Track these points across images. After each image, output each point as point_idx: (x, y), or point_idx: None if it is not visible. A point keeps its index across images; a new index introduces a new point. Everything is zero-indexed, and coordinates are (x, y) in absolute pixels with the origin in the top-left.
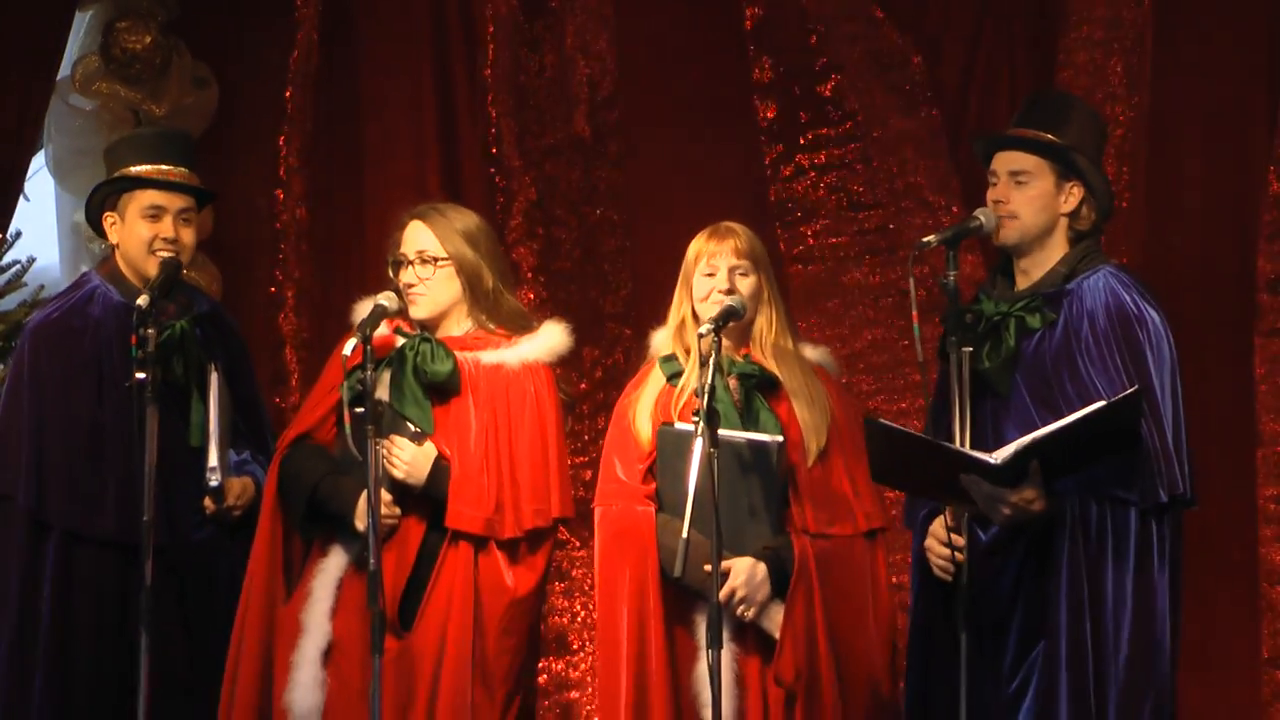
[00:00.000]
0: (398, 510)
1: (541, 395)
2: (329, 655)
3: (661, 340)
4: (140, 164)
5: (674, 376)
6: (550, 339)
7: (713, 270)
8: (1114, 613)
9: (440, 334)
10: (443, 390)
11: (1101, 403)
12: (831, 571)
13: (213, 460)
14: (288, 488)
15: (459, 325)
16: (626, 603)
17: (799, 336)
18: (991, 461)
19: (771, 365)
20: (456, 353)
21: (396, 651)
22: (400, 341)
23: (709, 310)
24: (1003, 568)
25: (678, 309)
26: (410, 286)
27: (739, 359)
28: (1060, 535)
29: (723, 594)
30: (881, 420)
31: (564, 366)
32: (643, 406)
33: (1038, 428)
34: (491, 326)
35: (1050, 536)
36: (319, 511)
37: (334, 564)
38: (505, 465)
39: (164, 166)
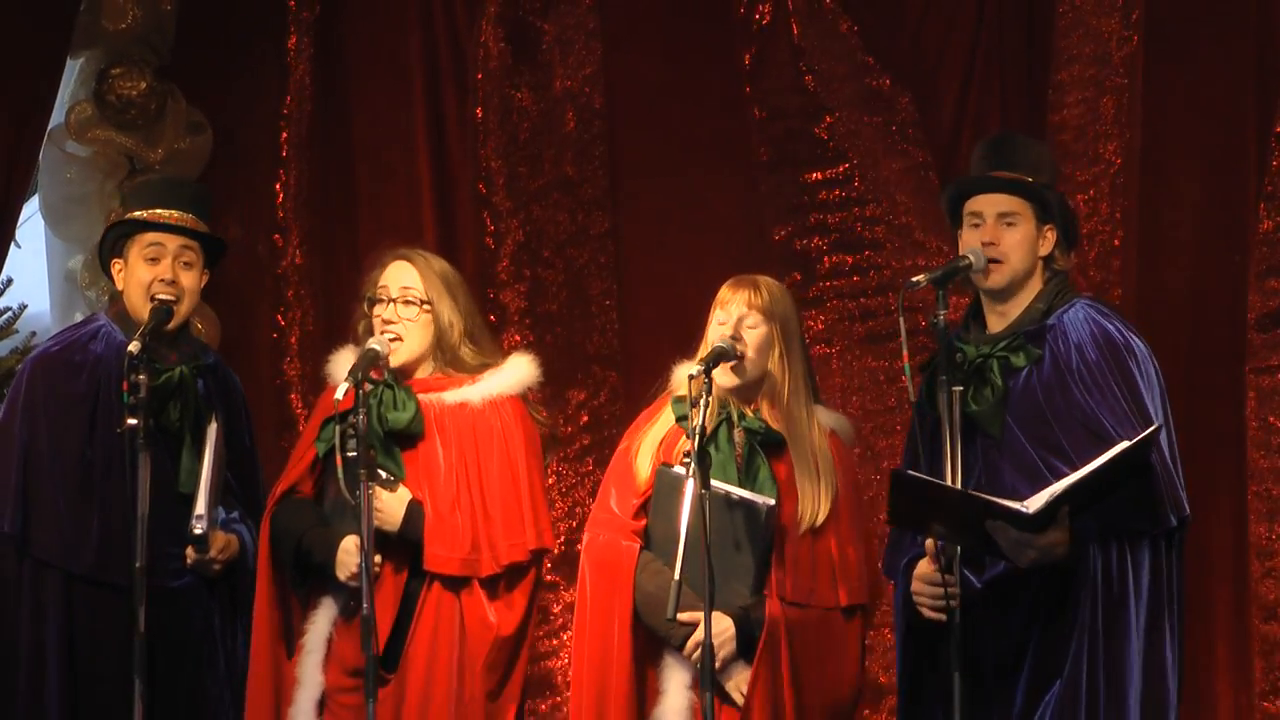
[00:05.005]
0: (378, 558)
1: (510, 429)
2: (324, 705)
3: (684, 375)
4: (145, 208)
5: (683, 419)
6: (516, 372)
7: (725, 318)
8: (1122, 657)
9: (404, 378)
10: (409, 435)
11: (1126, 443)
12: (803, 641)
13: (200, 508)
14: (278, 543)
15: (422, 370)
16: (598, 634)
17: (817, 399)
18: (1026, 511)
19: (780, 425)
20: (420, 395)
21: (381, 696)
22: (368, 389)
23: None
24: (1008, 610)
25: (700, 352)
26: (389, 324)
27: (749, 414)
28: (1082, 577)
29: (689, 645)
30: (910, 472)
31: (549, 409)
32: (647, 443)
33: (1038, 468)
34: (451, 373)
35: (1068, 579)
36: (307, 563)
37: (323, 616)
38: (478, 503)
39: (166, 211)
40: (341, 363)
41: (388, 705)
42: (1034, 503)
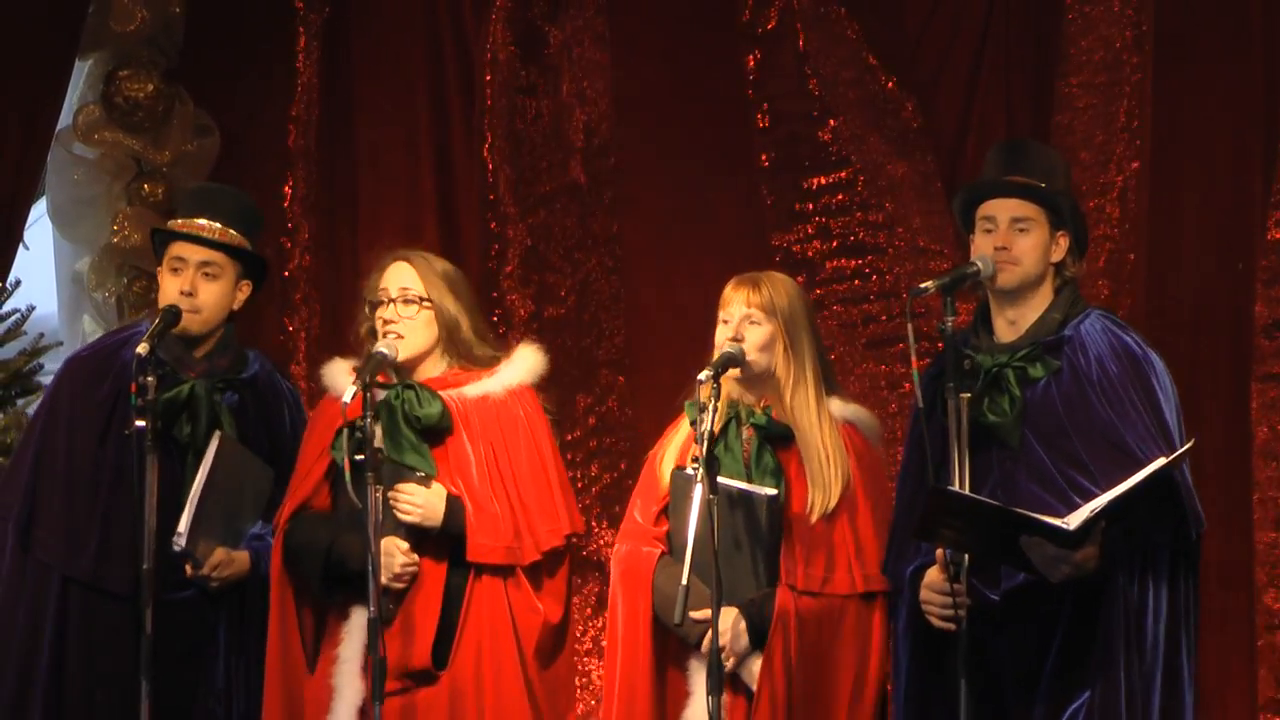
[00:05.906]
0: (415, 557)
1: (532, 417)
2: (364, 712)
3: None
4: (182, 217)
5: (695, 422)
6: (527, 361)
7: (728, 318)
8: (1144, 669)
9: (418, 377)
10: (436, 431)
11: (1164, 459)
12: (816, 630)
13: (181, 525)
14: (298, 560)
15: (435, 367)
16: (626, 643)
17: (831, 392)
18: (1067, 528)
19: (789, 418)
20: (441, 392)
21: (432, 696)
22: (383, 394)
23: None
24: (1026, 622)
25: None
26: (390, 323)
27: (759, 410)
28: (1110, 591)
29: (705, 644)
30: (948, 488)
31: (557, 413)
32: (670, 450)
33: (1056, 480)
34: (467, 367)
35: (1089, 592)
36: (337, 574)
37: (359, 625)
38: (512, 492)
39: (197, 220)
40: (336, 372)
41: (439, 703)
42: (1075, 519)
